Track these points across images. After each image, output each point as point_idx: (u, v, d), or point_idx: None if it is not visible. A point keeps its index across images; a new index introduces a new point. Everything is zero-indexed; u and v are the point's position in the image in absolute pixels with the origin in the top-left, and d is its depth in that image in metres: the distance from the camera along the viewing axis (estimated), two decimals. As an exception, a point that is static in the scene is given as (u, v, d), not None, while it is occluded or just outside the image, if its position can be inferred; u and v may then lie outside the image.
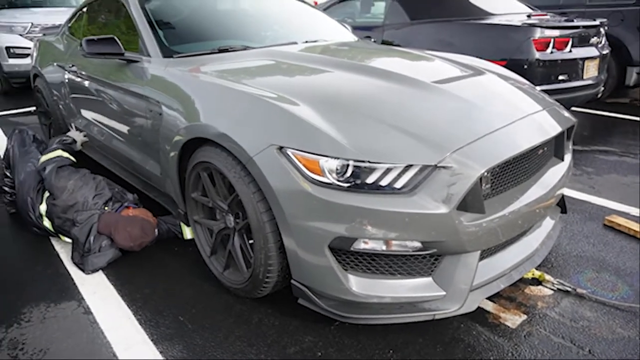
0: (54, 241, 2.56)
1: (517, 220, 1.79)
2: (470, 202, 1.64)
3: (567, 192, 3.12)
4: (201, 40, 2.66)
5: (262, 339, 1.81)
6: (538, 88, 3.79)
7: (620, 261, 2.33)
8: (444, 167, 1.58)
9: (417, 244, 1.62)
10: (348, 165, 1.59)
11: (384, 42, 5.05)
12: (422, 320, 1.74)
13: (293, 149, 1.64)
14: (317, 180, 1.60)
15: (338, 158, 1.59)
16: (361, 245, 1.62)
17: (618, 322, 1.89)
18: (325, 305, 1.74)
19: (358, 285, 1.67)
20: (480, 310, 1.95)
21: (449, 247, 1.63)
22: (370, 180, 1.59)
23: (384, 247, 1.63)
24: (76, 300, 2.06)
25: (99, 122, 3.01)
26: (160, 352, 1.75)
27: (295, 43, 2.80)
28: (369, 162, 1.57)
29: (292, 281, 1.78)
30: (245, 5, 3.25)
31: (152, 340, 1.81)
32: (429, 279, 1.71)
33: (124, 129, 2.68)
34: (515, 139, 1.77)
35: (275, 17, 3.17)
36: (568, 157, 2.25)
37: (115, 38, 2.48)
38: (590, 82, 4.20)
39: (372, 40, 4.98)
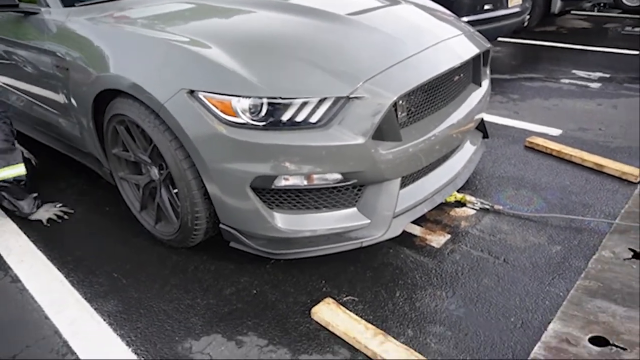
0: (-27, 215, 2.42)
1: (435, 146, 1.86)
2: (386, 131, 1.68)
3: (492, 118, 3.27)
4: (105, -15, 2.46)
5: (199, 285, 1.84)
6: (465, 19, 3.87)
7: (537, 178, 2.49)
8: (356, 97, 1.60)
9: (338, 176, 1.65)
10: (262, 104, 1.58)
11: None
12: (352, 249, 1.81)
13: (204, 91, 1.60)
14: (232, 122, 1.58)
15: (250, 97, 1.56)
16: (282, 183, 1.64)
17: (531, 232, 2.05)
18: (255, 245, 1.77)
19: (284, 221, 1.70)
20: (408, 234, 2.06)
21: (368, 176, 1.68)
22: (285, 117, 1.58)
23: (305, 182, 1.65)
24: (2, 270, 1.99)
25: (13, 87, 2.78)
26: (95, 310, 1.74)
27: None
28: (281, 98, 1.56)
29: (221, 225, 1.80)
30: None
31: (85, 299, 1.79)
32: (354, 209, 1.77)
33: (37, 90, 2.48)
34: (427, 66, 1.80)
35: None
36: (485, 83, 2.32)
37: (6, -12, 2.25)
38: (515, 10, 4.29)
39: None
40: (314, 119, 1.59)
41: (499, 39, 5.53)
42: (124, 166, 2.12)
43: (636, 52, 4.91)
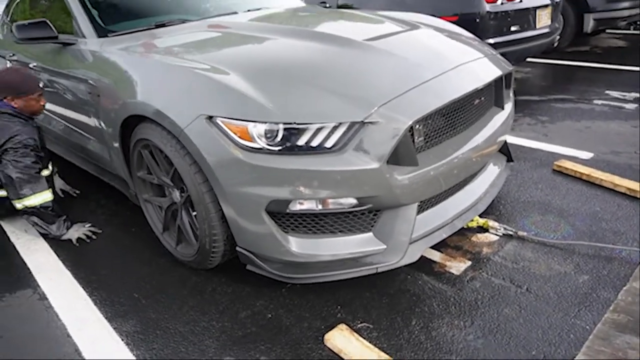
0: (8, 232, 2.54)
1: (453, 171, 1.83)
2: (402, 155, 1.67)
3: (520, 141, 3.21)
4: (137, 17, 2.59)
5: (215, 307, 1.86)
6: (492, 41, 3.85)
7: (565, 203, 2.41)
8: (371, 122, 1.60)
9: (353, 201, 1.65)
10: (278, 130, 1.60)
11: (340, 6, 4.98)
12: (367, 275, 1.78)
13: (222, 117, 1.64)
14: (248, 147, 1.61)
15: (266, 122, 1.60)
16: (297, 207, 1.65)
17: (556, 260, 1.97)
18: (270, 269, 1.78)
19: (299, 245, 1.71)
20: (427, 260, 2.02)
21: (383, 201, 1.67)
22: (301, 142, 1.61)
23: (320, 207, 1.66)
24: (32, 287, 2.07)
25: (53, 113, 2.94)
26: (115, 329, 1.78)
27: (236, 13, 2.75)
28: (296, 123, 1.59)
29: (237, 248, 1.82)
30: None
31: (106, 318, 1.84)
32: (370, 234, 1.76)
33: (74, 115, 2.62)
34: (444, 90, 1.79)
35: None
36: (509, 106, 2.28)
37: (47, 21, 2.41)
38: (544, 31, 4.23)
39: (327, 5, 4.93)
40: (329, 143, 1.61)
41: (529, 59, 5.46)
42: (148, 189, 2.19)
43: (675, 72, 4.72)
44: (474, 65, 2.02)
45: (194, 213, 1.89)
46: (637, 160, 2.83)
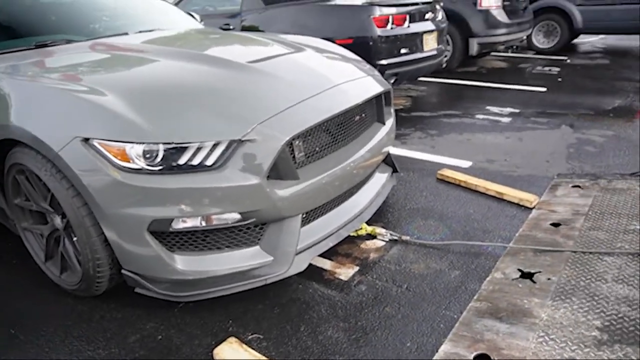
0: None
1: (335, 183, 1.95)
2: (282, 170, 1.76)
3: (410, 153, 3.46)
4: (16, 36, 2.47)
5: (102, 334, 1.80)
6: (384, 62, 4.14)
7: (444, 208, 2.65)
8: (249, 140, 1.68)
9: (236, 216, 1.70)
10: (158, 150, 1.62)
11: (244, 28, 5.08)
12: (258, 286, 1.84)
13: (99, 139, 1.63)
14: (126, 167, 1.61)
15: (144, 142, 1.61)
16: (180, 225, 1.67)
17: (433, 259, 2.17)
18: (158, 289, 1.77)
19: (185, 263, 1.72)
20: (318, 269, 2.12)
21: (266, 215, 1.74)
22: (181, 161, 1.64)
23: (204, 223, 1.69)
24: None
25: None
26: (-13, 369, 1.66)
27: (127, 34, 2.73)
28: (175, 143, 1.62)
29: (123, 271, 1.79)
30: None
31: (-25, 359, 1.71)
32: (257, 247, 1.82)
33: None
34: (321, 107, 1.92)
35: (105, 8, 3.04)
36: (390, 121, 2.48)
37: None
38: (431, 53, 4.62)
39: (231, 27, 5.00)
40: (209, 161, 1.65)
41: (425, 79, 5.93)
42: (27, 216, 2.08)
43: (544, 89, 5.38)
44: (352, 85, 2.18)
45: (75, 238, 1.83)
46: (507, 167, 3.19)
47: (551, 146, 3.55)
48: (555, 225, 2.30)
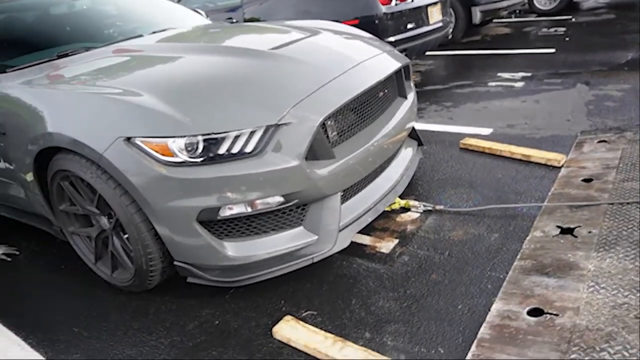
0: None
1: (368, 159, 1.99)
2: (319, 151, 1.80)
3: (429, 127, 3.48)
4: (37, 49, 2.52)
5: (161, 325, 1.86)
6: (392, 39, 4.13)
7: (472, 175, 2.67)
8: (285, 124, 1.72)
9: (279, 199, 1.75)
10: (198, 142, 1.66)
11: (247, 20, 5.08)
12: (305, 266, 1.89)
13: (141, 137, 1.68)
14: (170, 162, 1.66)
15: (184, 136, 1.65)
16: (227, 212, 1.72)
17: (470, 225, 2.20)
18: (211, 277, 1.83)
19: (235, 249, 1.77)
20: (359, 245, 2.16)
21: (308, 195, 1.78)
22: (221, 150, 1.68)
23: (249, 209, 1.74)
24: (-43, 344, 1.95)
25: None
26: (58, 367, 1.73)
27: (142, 36, 2.76)
28: (214, 133, 1.66)
29: (175, 263, 1.84)
30: (83, 7, 3.10)
31: (47, 359, 1.78)
32: (300, 228, 1.86)
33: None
34: (348, 86, 1.95)
35: (117, 14, 3.08)
36: (411, 95, 2.50)
37: None
38: (437, 25, 4.60)
39: (234, 20, 5.01)
40: (248, 148, 1.69)
41: (430, 53, 5.89)
42: (73, 221, 2.14)
43: (552, 50, 5.33)
44: (373, 62, 2.20)
45: (126, 236, 1.89)
46: (528, 130, 3.20)
47: (569, 105, 3.54)
48: (587, 180, 2.32)
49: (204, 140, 1.67)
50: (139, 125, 1.70)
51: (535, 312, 1.56)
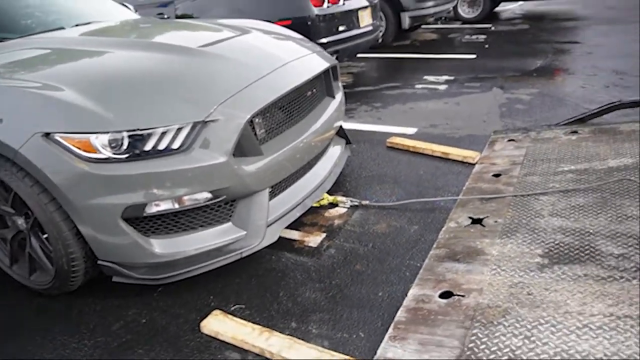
0: None
1: (296, 156, 2.06)
2: (246, 147, 1.85)
3: (359, 126, 3.62)
4: (-59, 39, 2.35)
5: (85, 326, 1.82)
6: (324, 40, 4.24)
7: (397, 172, 2.83)
8: (212, 121, 1.74)
9: (207, 195, 1.77)
10: (123, 138, 1.65)
11: (179, 17, 4.99)
12: (234, 261, 1.92)
13: (60, 132, 1.63)
14: (93, 158, 1.63)
15: (108, 132, 1.63)
16: (153, 209, 1.71)
17: (393, 218, 2.34)
18: (137, 275, 1.81)
19: (162, 246, 1.77)
20: (288, 240, 2.23)
21: (236, 191, 1.82)
22: (148, 147, 1.67)
23: (177, 205, 1.75)
24: None
25: None
26: (-31, 376, 1.64)
27: (63, 28, 2.65)
28: (140, 129, 1.65)
29: (100, 262, 1.81)
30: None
31: (-45, 367, 1.68)
32: (229, 224, 1.89)
33: None
34: (276, 85, 2.01)
35: (36, 3, 2.92)
36: (339, 95, 2.61)
37: None
38: (367, 29, 4.78)
39: (165, 16, 4.90)
40: (175, 145, 1.70)
41: (362, 55, 6.09)
42: (-15, 222, 2.02)
43: (473, 56, 5.72)
44: (301, 62, 2.28)
45: (45, 236, 1.82)
46: (449, 130, 3.43)
47: (485, 107, 3.84)
48: (497, 175, 2.54)
49: (129, 137, 1.65)
50: (58, 120, 1.65)
51: (445, 295, 1.70)
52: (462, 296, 1.67)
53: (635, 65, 4.65)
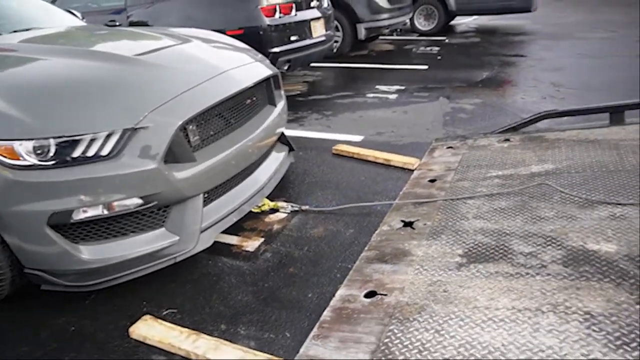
0: None
1: (231, 162, 2.11)
2: (179, 154, 1.88)
3: (308, 134, 3.70)
4: None
5: (10, 336, 1.79)
6: (277, 49, 4.31)
7: (339, 178, 2.92)
8: (142, 127, 1.77)
9: (138, 201, 1.79)
10: (49, 145, 1.65)
11: (132, 24, 4.96)
12: (169, 265, 1.94)
13: (-18, 139, 1.62)
14: (17, 165, 1.62)
15: (32, 139, 1.63)
16: (81, 215, 1.72)
17: (331, 222, 2.41)
18: (66, 282, 1.80)
19: (91, 253, 1.77)
20: (226, 244, 2.26)
21: (168, 197, 1.85)
22: (76, 154, 1.68)
23: (106, 211, 1.76)
24: None
25: None
26: None
27: (0, 34, 2.61)
28: (67, 136, 1.66)
29: (26, 270, 1.79)
30: None
31: None
32: (162, 229, 1.92)
33: None
34: (210, 93, 2.06)
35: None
36: (281, 103, 2.68)
37: None
38: (320, 39, 4.90)
39: (117, 23, 4.86)
40: (104, 151, 1.72)
41: (320, 64, 6.20)
42: None
43: (425, 67, 5.92)
44: (239, 71, 2.33)
45: (-32, 244, 1.79)
46: (394, 137, 3.55)
47: (431, 116, 3.99)
48: (432, 181, 2.66)
49: (57, 144, 1.66)
50: (-20, 127, 1.64)
51: (370, 295, 1.78)
52: (385, 295, 1.74)
53: (571, 78, 4.94)
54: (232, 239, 2.31)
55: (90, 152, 1.70)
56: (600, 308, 1.44)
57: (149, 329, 1.71)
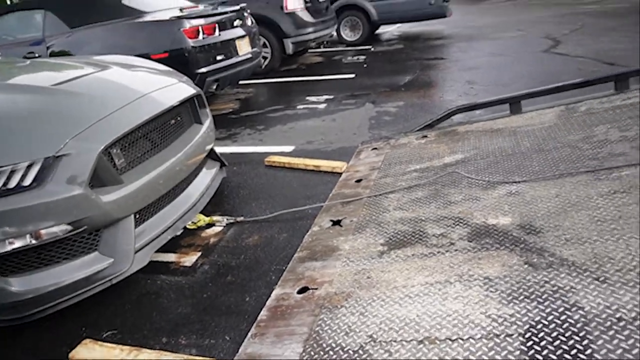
0: None
1: (159, 182, 2.17)
2: (104, 177, 1.93)
3: (241, 149, 3.79)
4: None
5: (-58, 380, 1.75)
6: (203, 69, 4.39)
7: (273, 188, 3.04)
8: (64, 154, 1.81)
9: (66, 227, 1.82)
10: (-33, 180, 1.65)
11: (53, 54, 4.86)
12: (105, 288, 1.96)
13: None
14: None
15: (-53, 175, 1.63)
16: (8, 247, 1.72)
17: (265, 230, 2.53)
18: (1, 317, 1.79)
19: (22, 284, 1.78)
20: (163, 263, 2.31)
21: (97, 220, 1.89)
22: (-4, 187, 1.69)
23: (34, 241, 1.77)
24: None
25: None
26: None
27: None
28: (-16, 170, 1.67)
29: (-47, 309, 1.76)
30: None
31: None
32: (95, 253, 1.95)
33: None
34: (130, 116, 2.12)
35: None
36: (207, 121, 2.76)
37: None
38: (247, 57, 5.02)
39: (36, 55, 4.75)
40: (27, 181, 1.74)
41: (251, 81, 6.33)
42: None
43: (352, 75, 6.20)
44: (159, 93, 2.40)
45: None
46: (323, 145, 3.72)
47: (357, 121, 4.22)
48: (358, 181, 2.84)
49: (-25, 178, 1.66)
50: None
51: (302, 290, 1.90)
52: (316, 289, 1.87)
53: (484, 75, 5.38)
54: (170, 257, 2.36)
55: (12, 184, 1.72)
56: (496, 272, 1.65)
57: (90, 352, 1.74)
